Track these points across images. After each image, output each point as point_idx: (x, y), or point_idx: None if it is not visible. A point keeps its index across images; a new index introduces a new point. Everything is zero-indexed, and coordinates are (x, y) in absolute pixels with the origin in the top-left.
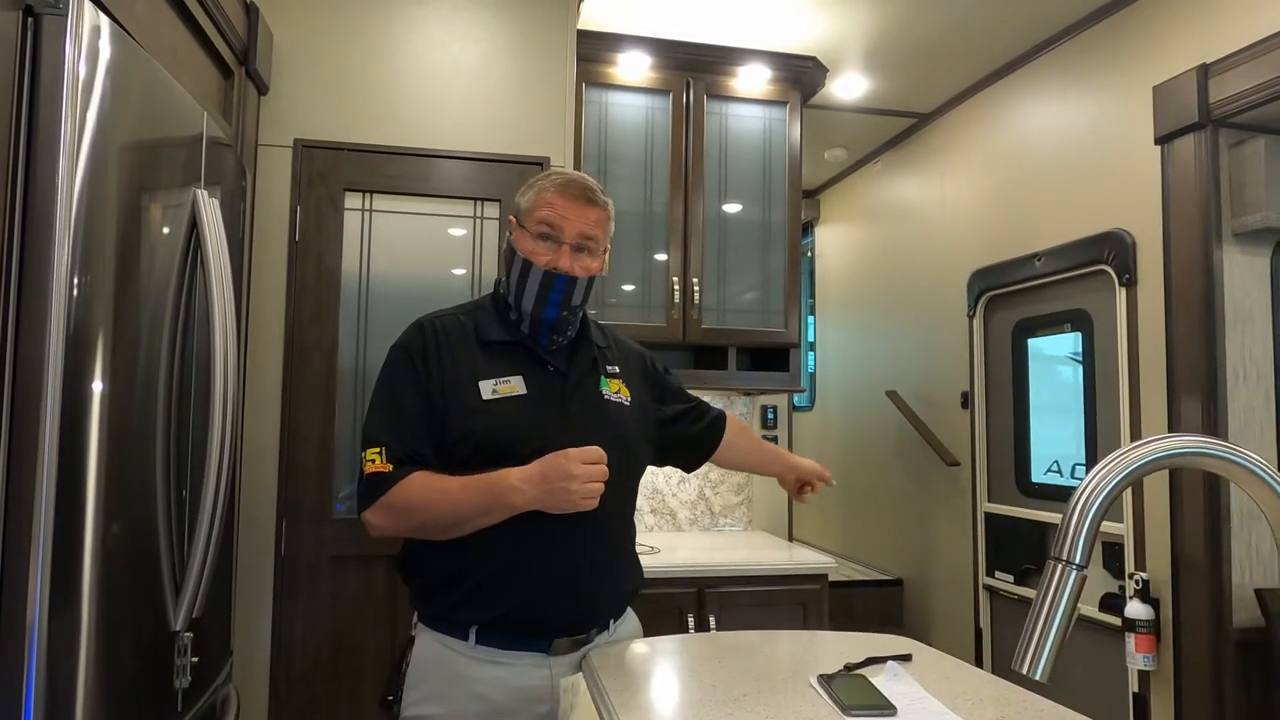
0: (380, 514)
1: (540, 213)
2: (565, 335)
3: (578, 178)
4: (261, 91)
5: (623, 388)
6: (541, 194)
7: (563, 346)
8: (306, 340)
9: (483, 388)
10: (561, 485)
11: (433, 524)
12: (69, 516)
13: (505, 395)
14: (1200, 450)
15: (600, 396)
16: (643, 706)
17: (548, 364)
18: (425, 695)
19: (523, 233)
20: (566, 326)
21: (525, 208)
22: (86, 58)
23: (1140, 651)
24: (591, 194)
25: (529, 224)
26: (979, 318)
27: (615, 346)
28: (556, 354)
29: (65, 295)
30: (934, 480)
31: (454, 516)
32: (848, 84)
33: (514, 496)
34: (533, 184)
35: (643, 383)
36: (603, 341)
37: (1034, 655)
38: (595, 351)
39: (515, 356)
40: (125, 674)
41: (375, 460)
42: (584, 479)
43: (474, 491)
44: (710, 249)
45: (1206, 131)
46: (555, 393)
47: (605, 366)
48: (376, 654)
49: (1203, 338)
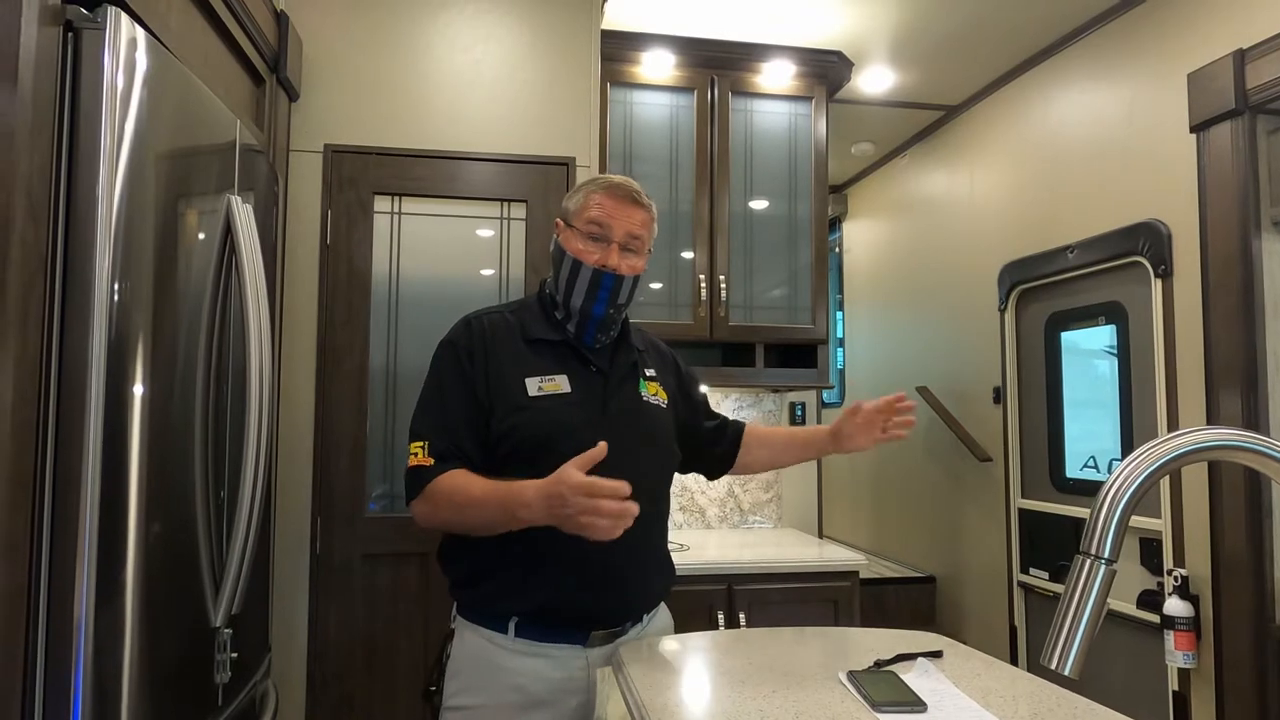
0: (421, 506)
1: (589, 213)
2: (609, 334)
3: (624, 181)
4: (292, 98)
5: (660, 390)
6: (590, 195)
7: (606, 346)
8: (338, 342)
9: (529, 384)
10: (562, 512)
11: (460, 524)
12: (113, 516)
13: (550, 393)
14: (1233, 443)
15: (639, 398)
16: (671, 701)
17: (591, 364)
18: (464, 686)
19: (571, 233)
20: (611, 325)
21: (573, 209)
22: (124, 69)
23: (1180, 649)
24: (638, 196)
25: (578, 224)
26: (1010, 311)
27: (652, 351)
28: (599, 354)
29: (107, 301)
30: (966, 476)
31: (478, 520)
32: (874, 77)
33: (523, 513)
34: (580, 187)
35: (676, 389)
36: (641, 345)
37: (1063, 651)
38: (635, 355)
39: (560, 355)
40: (168, 669)
41: (418, 454)
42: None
43: (493, 501)
44: (737, 246)
45: (1244, 118)
46: (597, 392)
47: (644, 370)
48: (409, 650)
49: (1242, 329)
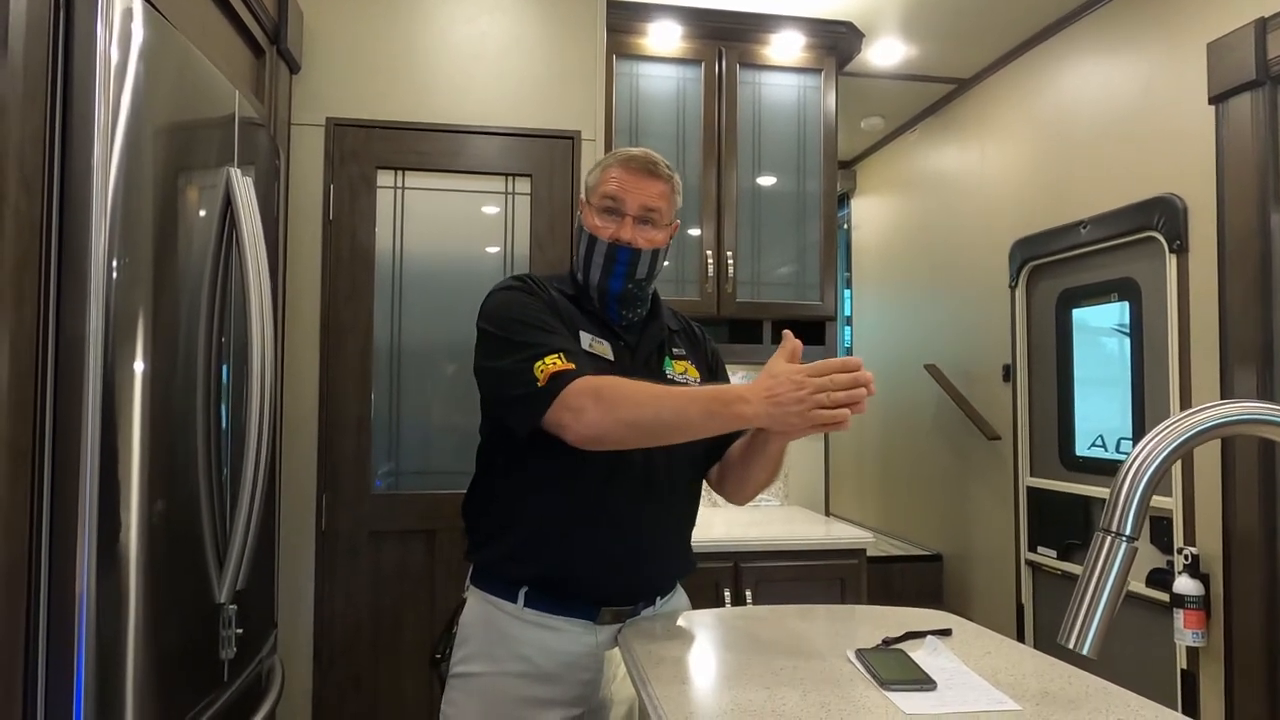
0: (586, 400)
1: (604, 188)
2: (635, 312)
3: (643, 153)
4: (293, 70)
5: (690, 369)
6: (606, 170)
7: (634, 324)
8: (342, 318)
9: (582, 338)
10: (791, 402)
11: (650, 416)
12: (113, 493)
13: (599, 354)
14: (1258, 417)
15: (665, 376)
16: (678, 678)
17: (621, 338)
18: (472, 653)
19: (589, 209)
20: (635, 302)
21: (591, 185)
22: (119, 40)
23: (1189, 628)
24: (654, 167)
25: (594, 200)
26: (1021, 288)
27: (686, 333)
28: (628, 330)
29: (104, 277)
30: (974, 454)
31: (674, 411)
32: (884, 50)
33: (741, 408)
34: (599, 163)
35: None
36: (675, 325)
37: (1081, 629)
38: (665, 334)
39: (600, 324)
40: (172, 645)
41: (556, 362)
42: (814, 390)
43: (701, 395)
44: (744, 222)
45: (1264, 89)
46: (625, 366)
47: (672, 349)
48: (415, 626)
49: (1259, 305)
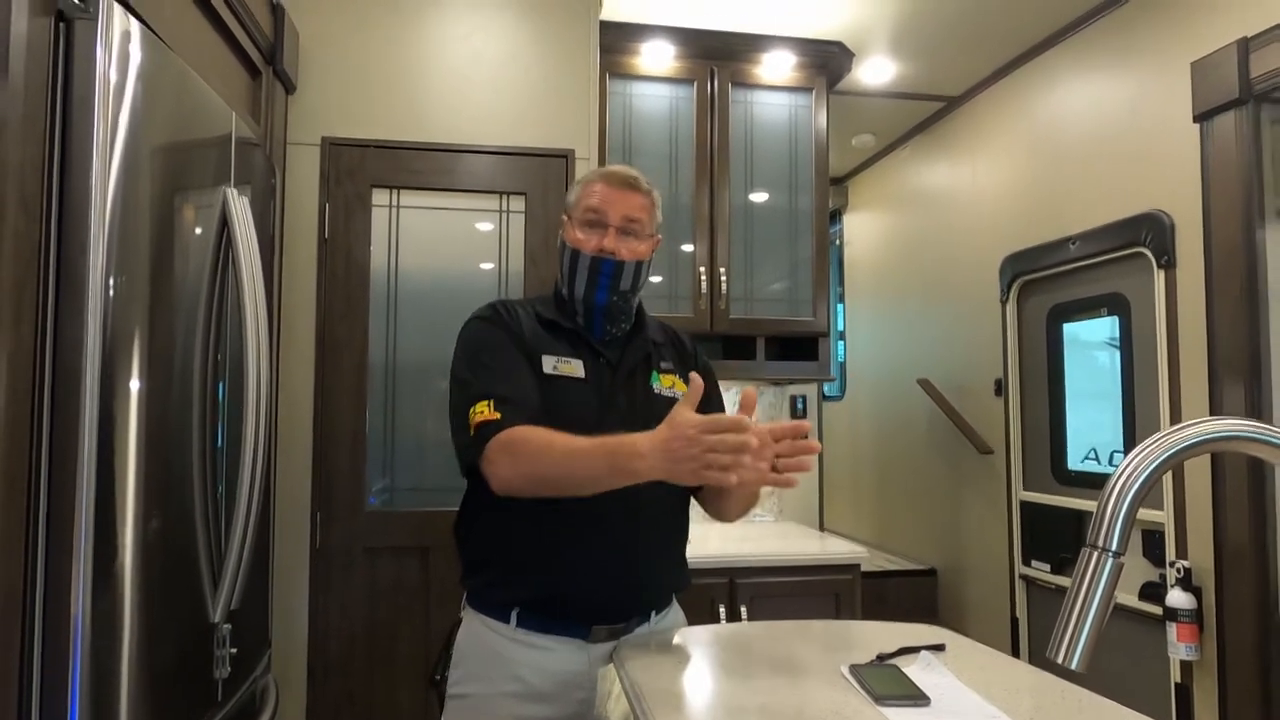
0: (500, 459)
1: (587, 201)
2: (619, 325)
3: (622, 168)
4: (289, 90)
5: (678, 382)
6: (588, 185)
7: (617, 339)
8: (337, 336)
9: (545, 361)
10: (684, 459)
11: (551, 477)
12: (108, 512)
13: (565, 374)
14: (1243, 434)
15: (651, 390)
16: (672, 695)
17: (601, 355)
18: (467, 674)
19: (571, 224)
20: (619, 315)
21: (572, 201)
22: (118, 61)
23: (1182, 641)
24: (635, 181)
25: (576, 214)
26: (1012, 303)
27: (671, 345)
28: (610, 345)
29: (101, 296)
30: (967, 469)
31: (576, 470)
32: (875, 68)
33: (637, 464)
34: (580, 180)
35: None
36: (661, 338)
37: (1069, 644)
38: (650, 347)
39: (575, 342)
40: (166, 664)
41: (484, 410)
42: (705, 449)
43: (598, 452)
44: (737, 238)
45: (1248, 108)
46: (606, 383)
47: (659, 362)
48: (411, 644)
49: (1245, 320)
